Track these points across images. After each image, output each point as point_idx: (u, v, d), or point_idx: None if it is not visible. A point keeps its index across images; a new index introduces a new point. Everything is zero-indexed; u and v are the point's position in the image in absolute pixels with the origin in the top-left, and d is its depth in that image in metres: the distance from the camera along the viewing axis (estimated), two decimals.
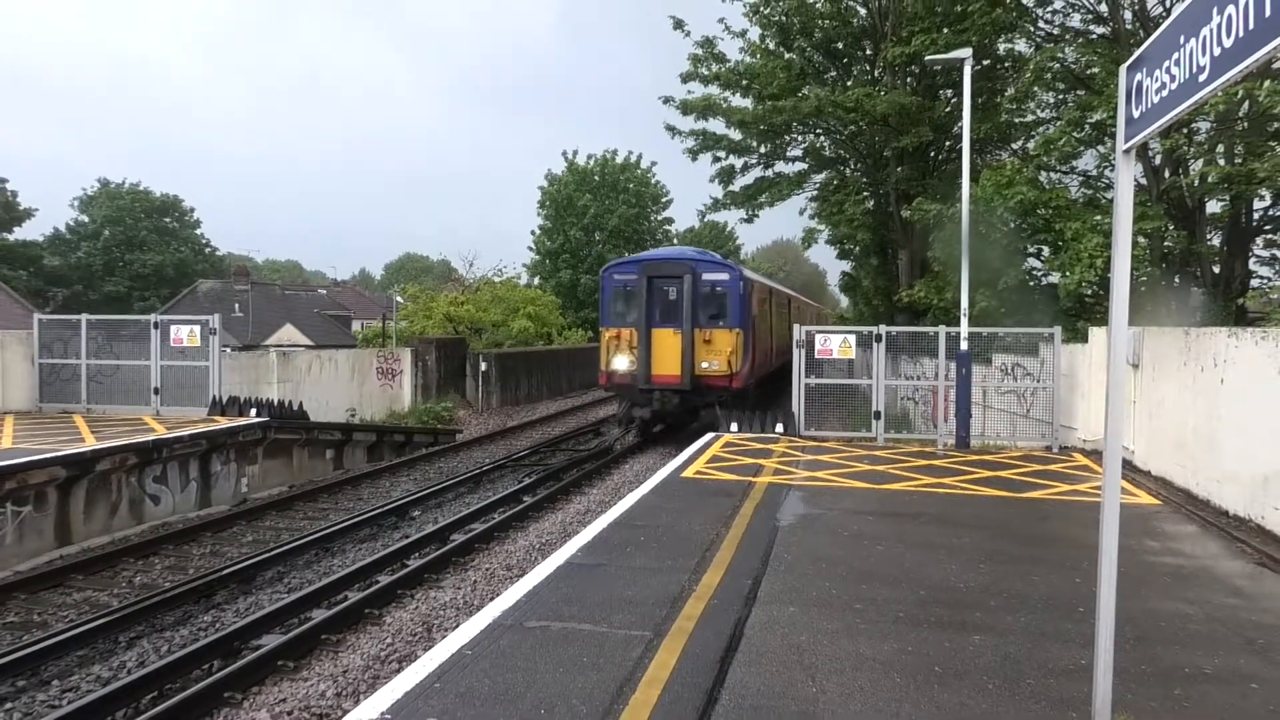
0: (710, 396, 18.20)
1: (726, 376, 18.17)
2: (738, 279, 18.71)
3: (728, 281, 18.69)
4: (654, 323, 18.40)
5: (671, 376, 18.09)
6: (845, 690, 4.59)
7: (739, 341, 18.36)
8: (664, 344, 18.23)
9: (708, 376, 18.17)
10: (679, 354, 18.00)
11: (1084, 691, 4.24)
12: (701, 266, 18.83)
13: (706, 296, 18.46)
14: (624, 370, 18.64)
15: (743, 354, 18.52)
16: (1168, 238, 17.06)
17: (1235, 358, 8.87)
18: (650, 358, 18.27)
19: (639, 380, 18.31)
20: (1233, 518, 8.69)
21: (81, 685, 7.28)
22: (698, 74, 24.84)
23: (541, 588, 6.25)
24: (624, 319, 18.85)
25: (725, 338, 18.29)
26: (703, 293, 18.40)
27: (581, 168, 53.89)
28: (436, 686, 4.60)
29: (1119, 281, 3.85)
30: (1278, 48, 2.72)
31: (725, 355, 18.09)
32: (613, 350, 18.87)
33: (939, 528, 8.21)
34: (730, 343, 18.25)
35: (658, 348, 18.31)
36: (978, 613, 5.83)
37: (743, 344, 18.47)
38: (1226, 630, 5.59)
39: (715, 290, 18.53)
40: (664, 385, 18.15)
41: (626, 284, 18.97)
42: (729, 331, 18.33)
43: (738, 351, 18.29)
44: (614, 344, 18.88)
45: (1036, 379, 13.83)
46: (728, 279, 18.72)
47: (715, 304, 18.53)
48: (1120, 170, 3.97)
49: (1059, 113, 19.48)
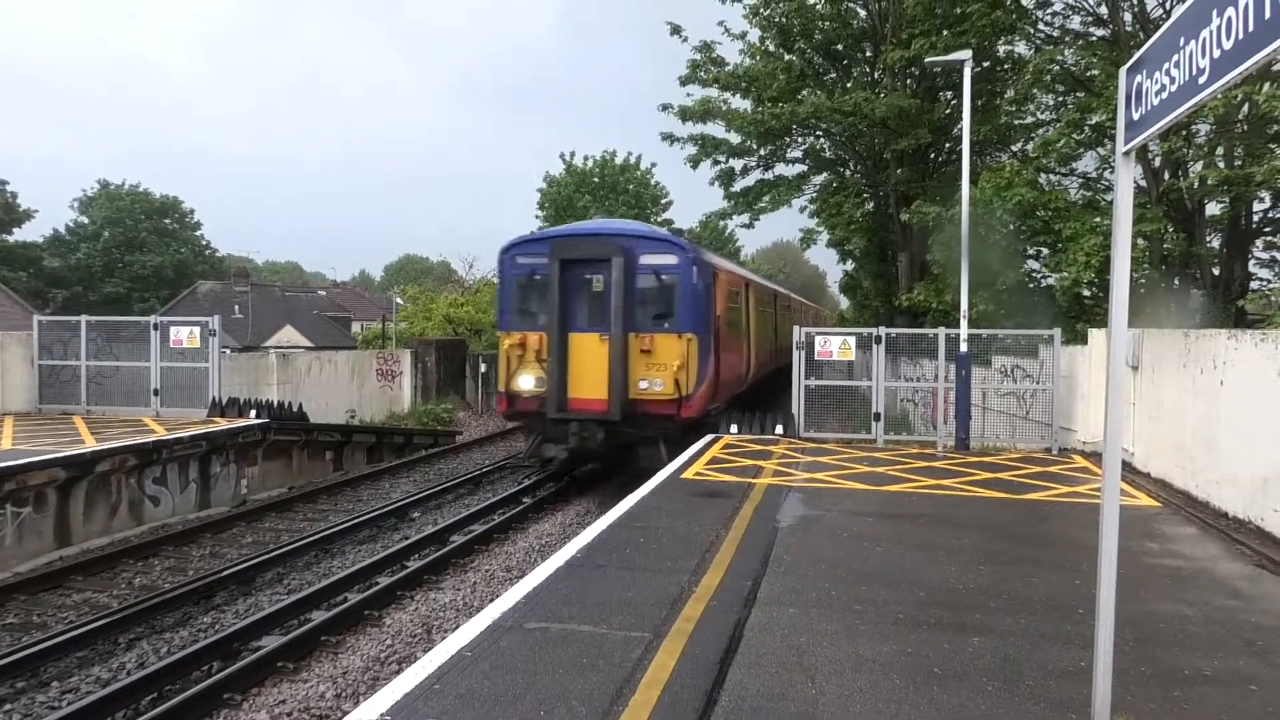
0: (650, 428, 13.68)
1: (672, 401, 13.52)
2: (690, 263, 13.80)
3: (676, 267, 13.81)
4: (571, 325, 13.81)
5: (595, 401, 13.49)
6: (844, 692, 4.59)
7: (691, 351, 13.64)
8: (585, 355, 13.64)
9: (647, 401, 13.60)
10: (605, 369, 13.42)
11: (1083, 693, 4.24)
12: (639, 246, 13.97)
13: (647, 289, 13.88)
14: (529, 391, 14.05)
15: (698, 369, 13.75)
16: (1167, 240, 17.09)
17: (1235, 359, 8.87)
18: (566, 375, 13.66)
19: (550, 406, 13.59)
20: (1232, 519, 8.69)
21: (81, 686, 7.27)
22: (696, 78, 24.87)
23: (541, 589, 6.25)
24: (530, 320, 14.28)
25: (671, 346, 13.56)
26: (641, 283, 13.78)
27: (580, 169, 53.92)
28: (436, 688, 4.60)
29: (1118, 283, 3.85)
30: (1278, 50, 2.72)
31: (671, 371, 13.46)
32: (514, 363, 14.16)
33: (938, 529, 8.21)
34: (678, 353, 13.51)
35: (577, 360, 13.72)
36: (977, 614, 5.82)
37: (698, 355, 13.73)
38: (1226, 632, 5.59)
39: (660, 280, 13.86)
40: (584, 413, 13.56)
41: (533, 270, 14.15)
42: (677, 338, 13.58)
43: (689, 366, 13.61)
44: (515, 355, 14.15)
45: (1036, 381, 13.84)
46: (676, 263, 13.85)
47: (659, 299, 13.97)
48: (1120, 172, 3.98)
49: (1058, 115, 19.49)
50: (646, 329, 13.68)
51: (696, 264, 14.02)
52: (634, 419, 13.60)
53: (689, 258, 13.99)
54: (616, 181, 54.04)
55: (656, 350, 13.61)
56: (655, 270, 13.82)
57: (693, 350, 13.70)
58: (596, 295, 13.83)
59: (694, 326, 13.78)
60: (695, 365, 13.72)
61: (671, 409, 13.58)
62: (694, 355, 13.70)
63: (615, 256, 13.51)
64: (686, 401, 13.59)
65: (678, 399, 13.53)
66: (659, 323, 13.82)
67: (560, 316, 13.70)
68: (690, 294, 13.79)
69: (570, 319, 13.87)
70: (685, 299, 13.78)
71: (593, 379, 13.56)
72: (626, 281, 13.52)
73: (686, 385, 13.59)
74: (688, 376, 13.61)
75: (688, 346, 13.66)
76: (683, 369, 13.55)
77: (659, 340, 13.64)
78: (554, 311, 13.66)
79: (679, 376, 13.52)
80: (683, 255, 14.02)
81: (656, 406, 13.62)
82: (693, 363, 13.68)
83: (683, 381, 13.55)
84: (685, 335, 13.67)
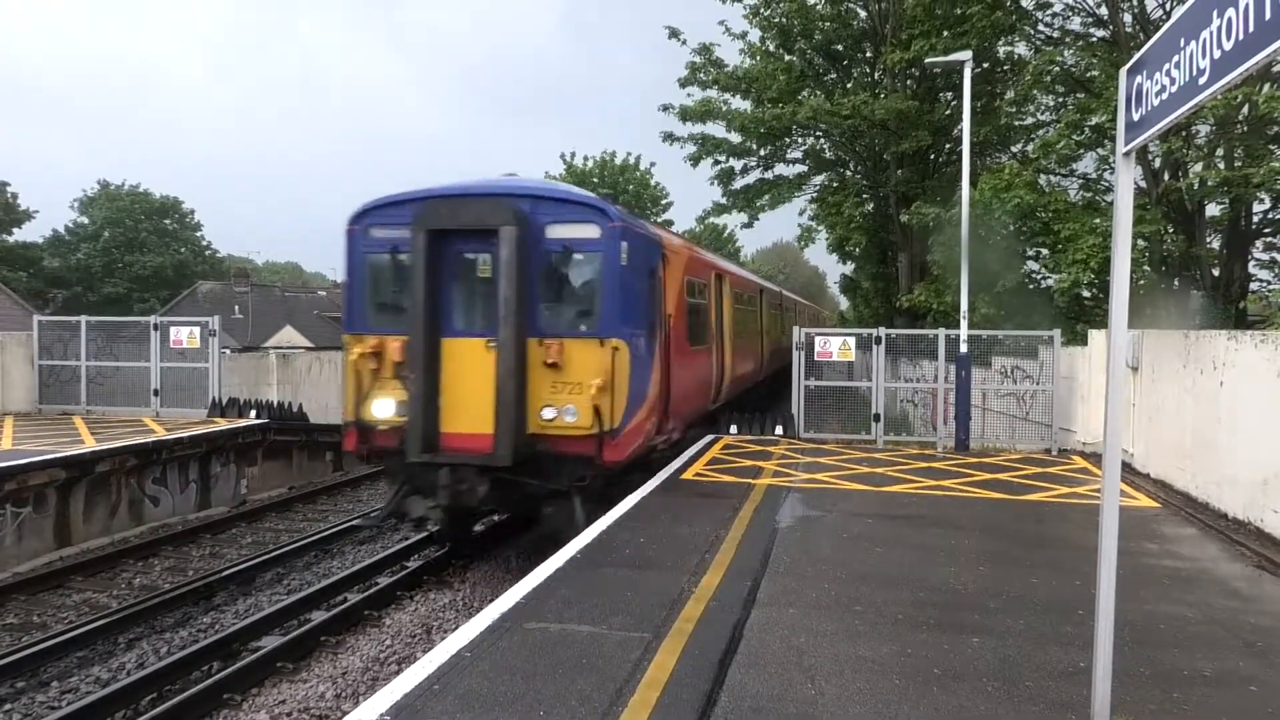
0: (559, 476, 9.61)
1: (590, 438, 9.41)
2: (618, 237, 9.65)
3: (598, 242, 9.70)
4: (444, 326, 9.71)
5: (476, 438, 9.35)
6: (844, 692, 4.59)
7: (620, 364, 9.54)
8: (464, 370, 9.55)
9: (554, 436, 9.53)
10: (491, 389, 9.27)
11: (1083, 694, 4.24)
12: (543, 212, 9.76)
13: (556, 274, 9.86)
14: (388, 422, 9.78)
15: (631, 389, 9.70)
16: (1167, 241, 17.09)
17: (1234, 360, 8.87)
18: (436, 398, 9.56)
19: (411, 444, 9.38)
20: (1232, 520, 8.70)
21: (81, 687, 7.27)
22: (696, 79, 24.89)
23: (540, 589, 6.24)
24: (390, 319, 9.96)
25: (590, 357, 9.46)
26: (547, 265, 9.76)
27: (580, 169, 53.98)
28: (435, 688, 4.60)
29: (1118, 284, 3.85)
30: (1278, 50, 2.72)
31: (589, 393, 9.38)
32: (366, 381, 9.92)
33: (938, 530, 8.21)
34: (599, 367, 9.43)
35: (452, 377, 9.60)
36: (977, 615, 5.82)
37: (631, 368, 9.70)
38: (1226, 633, 5.59)
39: (575, 260, 9.85)
40: (462, 455, 9.44)
41: (395, 247, 9.96)
42: (598, 345, 9.49)
43: (616, 385, 9.50)
44: (368, 368, 9.90)
45: (1036, 381, 13.84)
46: (598, 237, 9.69)
47: (574, 288, 9.97)
48: (1120, 173, 3.98)
49: (1058, 116, 19.50)
50: (555, 332, 9.47)
51: (629, 237, 9.69)
52: (535, 463, 9.44)
53: (616, 229, 9.57)
54: (616, 182, 54.06)
55: (569, 363, 9.36)
56: (568, 246, 9.62)
57: (622, 362, 9.46)
58: (482, 283, 9.67)
59: (625, 328, 9.58)
60: (626, 384, 9.53)
61: (588, 448, 9.35)
62: (624, 369, 9.51)
63: (507, 226, 9.16)
64: (612, 438, 9.34)
65: (598, 434, 9.26)
66: (574, 324, 9.66)
67: (427, 313, 9.39)
68: (620, 281, 9.55)
69: (443, 317, 9.63)
70: (612, 288, 9.54)
71: (474, 404, 9.30)
72: (524, 262, 9.28)
73: (612, 414, 9.33)
74: (614, 401, 9.34)
75: (614, 357, 9.35)
76: (606, 390, 9.28)
77: (572, 348, 9.39)
78: (418, 305, 9.35)
79: (600, 401, 9.23)
80: (607, 225, 9.57)
81: (568, 444, 9.42)
82: (622, 380, 9.48)
83: (606, 409, 9.28)
84: (611, 341, 9.39)
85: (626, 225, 9.96)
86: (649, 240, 10.91)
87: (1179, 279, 17.93)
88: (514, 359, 9.20)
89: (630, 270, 9.77)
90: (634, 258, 9.89)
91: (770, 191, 26.10)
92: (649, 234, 11.13)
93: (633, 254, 9.86)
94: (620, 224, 9.79)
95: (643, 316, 10.23)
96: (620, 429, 9.53)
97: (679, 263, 12.45)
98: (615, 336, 9.54)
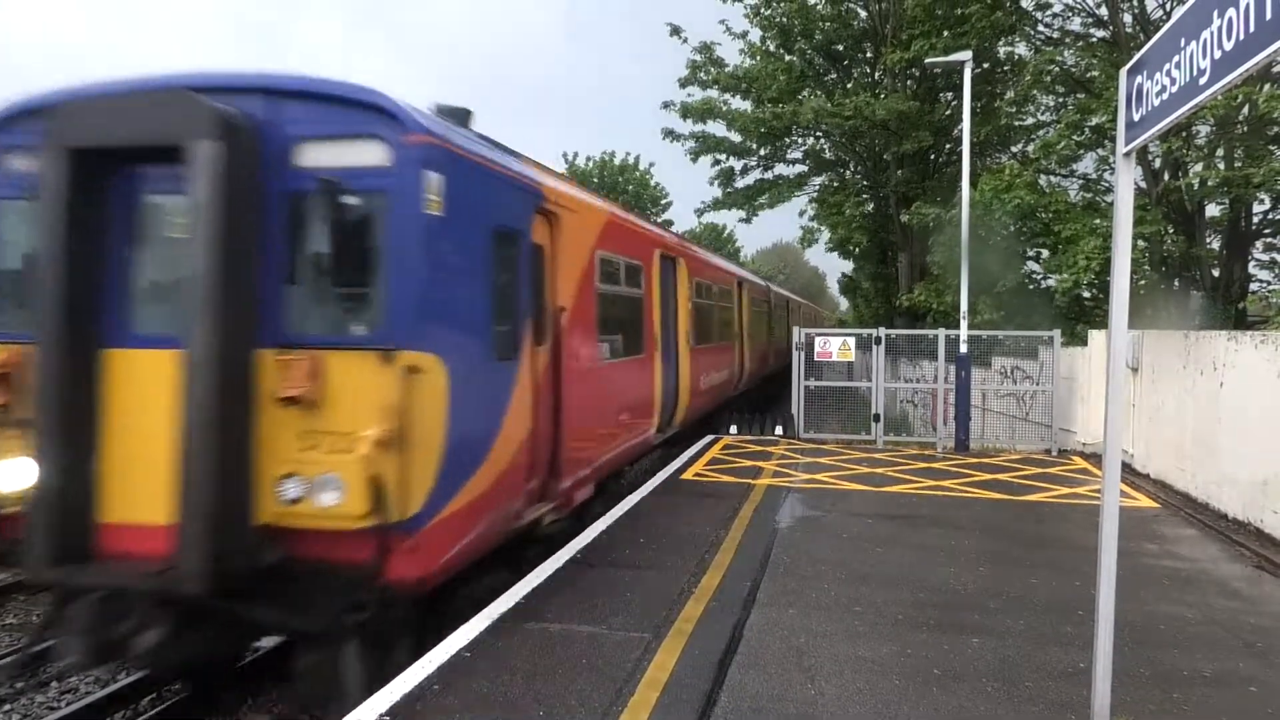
0: (313, 606, 5.09)
1: (366, 535, 4.83)
2: (418, 164, 5.13)
3: (383, 174, 5.11)
4: (106, 327, 5.21)
5: (148, 534, 4.92)
6: (844, 692, 4.59)
7: (419, 398, 5.06)
8: (137, 405, 5.10)
9: (302, 532, 4.97)
10: (175, 445, 4.75)
11: (1083, 694, 4.24)
12: (285, 117, 5.17)
13: (302, 225, 5.16)
14: (6, 499, 5.14)
15: (446, 442, 5.37)
16: (1167, 241, 17.09)
17: (1234, 361, 8.87)
18: (86, 459, 5.07)
19: (38, 545, 4.88)
20: (1232, 521, 8.70)
21: (80, 687, 7.26)
22: (696, 79, 24.91)
23: (540, 589, 6.24)
24: (10, 313, 5.59)
25: (364, 384, 4.95)
26: (289, 211, 5.14)
27: (581, 169, 54.07)
28: (436, 688, 4.60)
29: (1118, 285, 3.85)
30: (1278, 51, 2.72)
31: (361, 451, 4.79)
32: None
33: (938, 530, 8.21)
34: (381, 402, 4.90)
35: (118, 419, 5.15)
36: (977, 615, 5.82)
37: (449, 404, 5.40)
38: (1225, 633, 5.59)
39: (335, 203, 5.05)
40: (127, 564, 5.02)
41: (24, 186, 5.32)
42: (376, 362, 4.95)
43: (415, 437, 5.03)
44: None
45: (1036, 382, 13.84)
46: (385, 164, 5.10)
47: (342, 255, 5.15)
48: (1120, 173, 3.98)
49: (1059, 116, 19.51)
50: (304, 339, 5.11)
51: (448, 167, 5.49)
52: (269, 583, 5.08)
53: (417, 150, 5.22)
54: (616, 182, 54.12)
55: (329, 395, 5.03)
56: (331, 181, 5.05)
57: (429, 393, 5.22)
58: (173, 250, 5.32)
59: (437, 329, 5.43)
60: (438, 433, 5.36)
61: (363, 552, 4.93)
62: (432, 407, 5.29)
63: (205, 141, 4.76)
64: (406, 535, 5.08)
65: (379, 527, 4.86)
66: (339, 323, 5.33)
67: (65, 300, 5.05)
68: (425, 245, 5.30)
69: (103, 311, 5.28)
70: (408, 258, 5.21)
71: (151, 472, 4.97)
72: (244, 207, 4.97)
73: (405, 490, 5.02)
74: (410, 466, 5.06)
75: (410, 385, 5.03)
76: (393, 446, 4.93)
77: (335, 369, 5.04)
78: (49, 287, 5.01)
79: (383, 467, 4.87)
80: (400, 143, 5.16)
81: (327, 546, 5.01)
82: (429, 427, 5.26)
83: (394, 480, 4.93)
84: (404, 355, 5.02)
85: (441, 144, 5.48)
86: (501, 179, 6.52)
87: (1179, 279, 17.94)
88: (217, 386, 4.77)
89: (451, 226, 5.52)
90: (461, 204, 5.60)
91: (770, 191, 26.13)
92: (503, 168, 6.60)
93: (458, 198, 5.55)
94: (426, 140, 5.29)
95: (479, 309, 6.01)
96: (424, 518, 5.19)
97: (583, 227, 8.36)
98: (414, 346, 5.10)
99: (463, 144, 5.94)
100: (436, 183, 5.38)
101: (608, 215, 9.60)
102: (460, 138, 6.00)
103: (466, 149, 5.97)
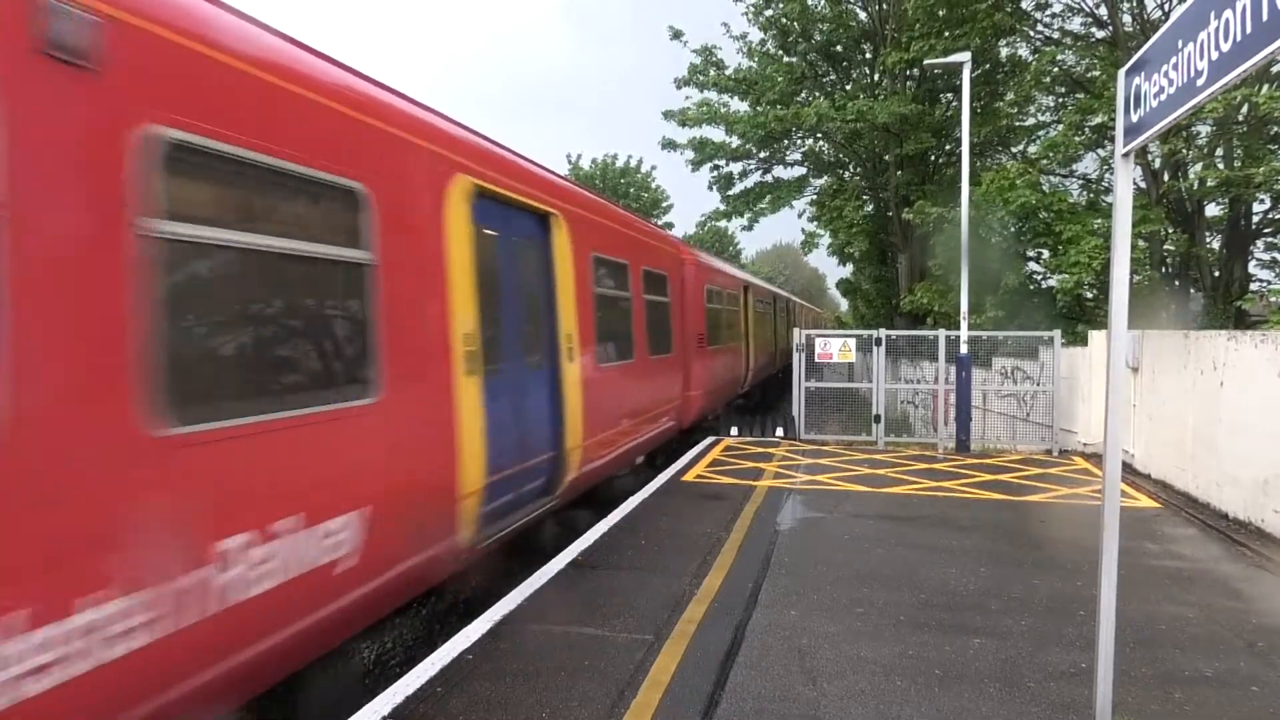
0: None
1: None
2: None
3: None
4: None
5: None
6: (846, 693, 4.59)
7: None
8: None
9: None
10: None
11: (1085, 694, 4.24)
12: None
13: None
14: None
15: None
16: (1167, 241, 17.11)
17: (1235, 360, 8.87)
18: None
19: None
20: (1233, 520, 8.70)
21: None
22: (694, 81, 24.95)
23: (542, 591, 6.25)
24: None
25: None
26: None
27: (585, 172, 54.19)
28: (438, 690, 4.60)
29: (1118, 284, 3.86)
30: (1276, 51, 2.73)
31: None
32: None
33: (939, 531, 8.21)
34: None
35: None
36: (978, 616, 5.83)
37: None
38: (1227, 633, 5.59)
39: None
40: None
41: None
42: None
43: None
44: None
45: (1036, 382, 13.84)
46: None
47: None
48: (1119, 174, 3.99)
49: (1059, 116, 19.53)
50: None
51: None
52: None
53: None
54: (617, 185, 54.18)
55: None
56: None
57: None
58: None
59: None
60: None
61: None
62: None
63: None
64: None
65: None
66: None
67: None
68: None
69: None
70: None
71: None
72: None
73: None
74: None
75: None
76: None
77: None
78: None
79: None
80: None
81: None
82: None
83: None
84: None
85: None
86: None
87: (1179, 279, 17.95)
88: None
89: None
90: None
91: (770, 194, 26.17)
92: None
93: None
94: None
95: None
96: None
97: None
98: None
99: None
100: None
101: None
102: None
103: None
